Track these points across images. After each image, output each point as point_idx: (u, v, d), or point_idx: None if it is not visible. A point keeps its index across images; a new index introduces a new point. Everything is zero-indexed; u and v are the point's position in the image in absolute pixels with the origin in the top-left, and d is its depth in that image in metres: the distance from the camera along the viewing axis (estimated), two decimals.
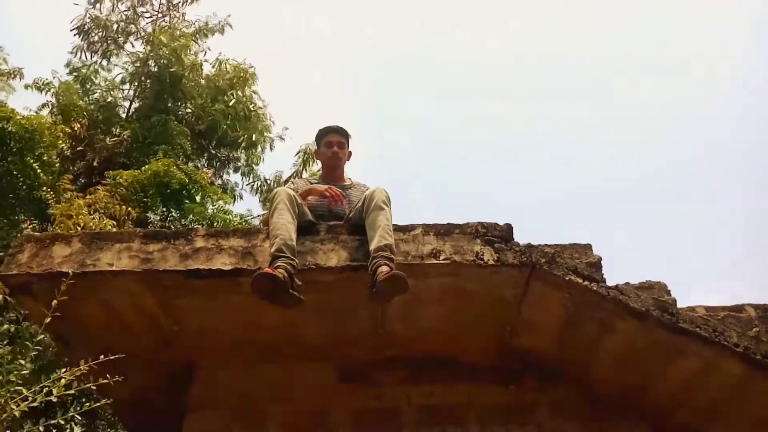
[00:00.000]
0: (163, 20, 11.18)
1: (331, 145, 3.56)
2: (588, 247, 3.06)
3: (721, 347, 2.68)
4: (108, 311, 2.86)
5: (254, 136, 10.75)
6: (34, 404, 2.11)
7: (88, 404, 2.38)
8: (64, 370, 2.28)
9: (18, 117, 6.97)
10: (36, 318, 2.95)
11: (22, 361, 2.23)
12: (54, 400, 2.14)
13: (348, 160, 3.65)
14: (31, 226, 5.92)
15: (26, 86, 9.59)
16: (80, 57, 10.93)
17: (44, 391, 2.15)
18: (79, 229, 4.91)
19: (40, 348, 2.35)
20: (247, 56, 13.42)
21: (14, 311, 5.16)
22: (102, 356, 2.44)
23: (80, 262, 2.69)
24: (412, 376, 3.19)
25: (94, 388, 2.38)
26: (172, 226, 8.12)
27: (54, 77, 9.71)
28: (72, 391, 2.21)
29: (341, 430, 3.02)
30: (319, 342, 3.10)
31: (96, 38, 11.02)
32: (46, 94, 9.43)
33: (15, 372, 2.18)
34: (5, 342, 2.53)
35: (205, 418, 3.00)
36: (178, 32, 10.56)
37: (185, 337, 3.04)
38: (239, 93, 10.72)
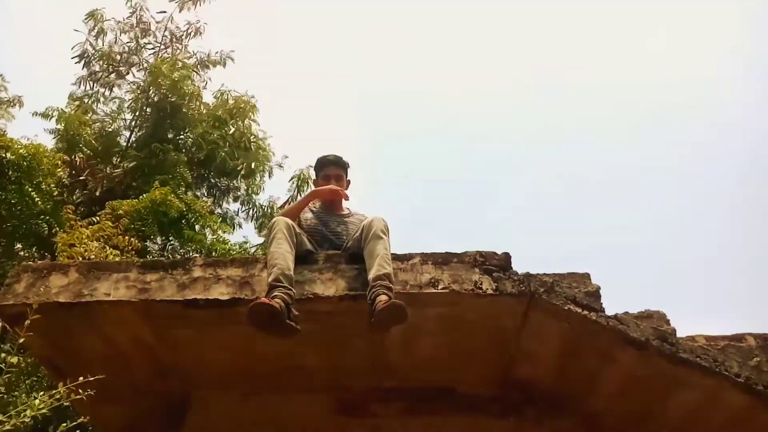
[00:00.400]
0: (166, 51, 11.35)
1: (329, 178, 3.56)
2: (586, 276, 3.06)
3: (722, 377, 2.66)
4: (104, 341, 2.84)
5: (253, 164, 10.82)
6: (6, 428, 2.07)
7: (65, 424, 2.33)
8: (42, 393, 2.25)
9: (16, 146, 7.01)
10: (33, 348, 2.94)
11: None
12: (27, 421, 2.10)
13: (346, 189, 3.65)
14: (28, 255, 5.91)
15: (33, 114, 9.67)
16: (83, 88, 11.09)
17: (20, 414, 2.11)
18: (81, 258, 4.91)
19: (14, 371, 2.30)
20: (247, 84, 13.64)
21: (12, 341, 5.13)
22: (94, 386, 2.39)
23: (77, 293, 2.69)
24: (411, 408, 3.15)
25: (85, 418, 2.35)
26: (170, 256, 8.12)
27: (61, 107, 9.83)
28: (46, 412, 2.16)
29: None
30: (316, 372, 3.07)
31: (97, 68, 11.19)
32: (53, 120, 9.50)
33: None
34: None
35: None
36: (179, 63, 10.70)
37: (181, 367, 3.02)
38: (240, 123, 10.83)
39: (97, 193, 9.10)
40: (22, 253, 7.47)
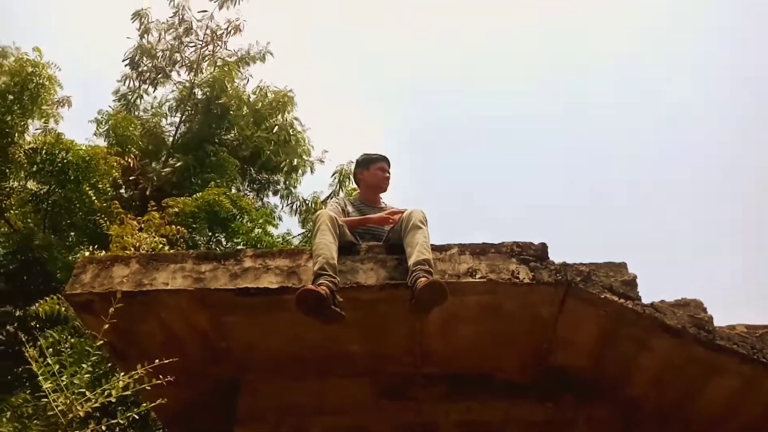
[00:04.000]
0: (207, 49, 11.68)
1: (384, 170, 3.80)
2: (623, 265, 3.10)
3: (759, 364, 2.68)
4: (162, 327, 3.04)
5: (295, 160, 11.07)
6: (96, 405, 2.28)
7: (135, 410, 2.54)
8: (122, 374, 2.46)
9: (76, 148, 7.41)
10: (97, 334, 3.16)
11: (84, 365, 2.41)
12: (113, 400, 2.31)
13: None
14: (88, 249, 6.27)
15: (89, 121, 10.13)
16: (128, 84, 11.53)
17: (105, 393, 2.33)
18: (132, 249, 5.19)
19: (100, 353, 2.52)
20: (286, 80, 13.94)
21: (73, 324, 5.46)
22: (140, 365, 2.58)
23: (138, 282, 2.89)
24: (450, 393, 3.26)
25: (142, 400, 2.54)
26: (218, 249, 8.44)
27: (110, 109, 10.28)
28: (129, 392, 2.37)
29: None
30: (359, 358, 3.21)
31: (145, 68, 11.61)
32: (103, 125, 9.93)
33: (78, 376, 2.36)
34: (68, 350, 2.73)
35: (252, 429, 3.13)
36: (221, 62, 11.02)
37: (233, 352, 3.20)
38: (280, 118, 11.09)
39: (148, 192, 9.50)
40: (80, 248, 7.87)
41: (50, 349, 2.61)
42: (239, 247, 7.49)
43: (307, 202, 11.37)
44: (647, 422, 3.10)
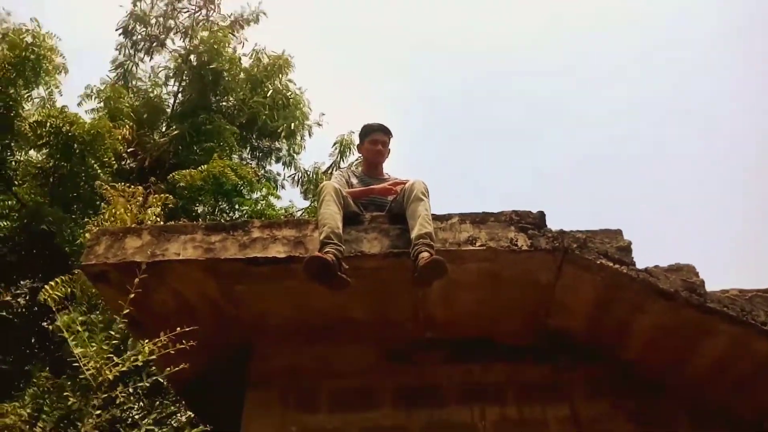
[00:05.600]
0: (200, 14, 11.60)
1: (376, 143, 3.81)
2: (618, 232, 3.19)
3: (748, 326, 2.79)
4: (175, 296, 3.16)
5: (293, 124, 11.05)
6: (123, 369, 2.42)
7: (149, 379, 2.68)
8: (146, 341, 2.59)
9: (81, 121, 7.46)
10: (112, 303, 3.28)
11: (111, 332, 2.54)
12: (140, 364, 2.45)
13: (387, 157, 3.89)
14: (94, 223, 6.39)
15: (81, 96, 10.12)
16: (124, 53, 11.47)
17: (131, 358, 2.46)
18: (120, 223, 5.37)
19: (126, 321, 2.65)
20: (281, 43, 13.88)
21: (84, 303, 5.61)
22: (163, 333, 2.72)
23: (150, 253, 2.99)
24: (452, 357, 3.39)
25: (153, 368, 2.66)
26: (221, 219, 8.56)
27: (102, 84, 10.26)
28: (154, 357, 2.51)
29: (386, 405, 3.25)
30: (364, 324, 3.34)
31: (139, 37, 11.54)
32: (95, 100, 9.93)
33: (107, 341, 2.49)
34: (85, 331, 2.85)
35: (263, 392, 3.27)
36: (216, 27, 10.91)
37: (243, 319, 3.32)
38: (276, 82, 11.02)
39: (146, 163, 9.55)
40: (86, 220, 7.98)
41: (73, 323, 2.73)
42: (247, 219, 7.60)
43: (308, 173, 11.45)
44: (643, 382, 3.22)
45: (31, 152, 8.47)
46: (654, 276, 2.92)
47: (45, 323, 6.37)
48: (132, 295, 2.63)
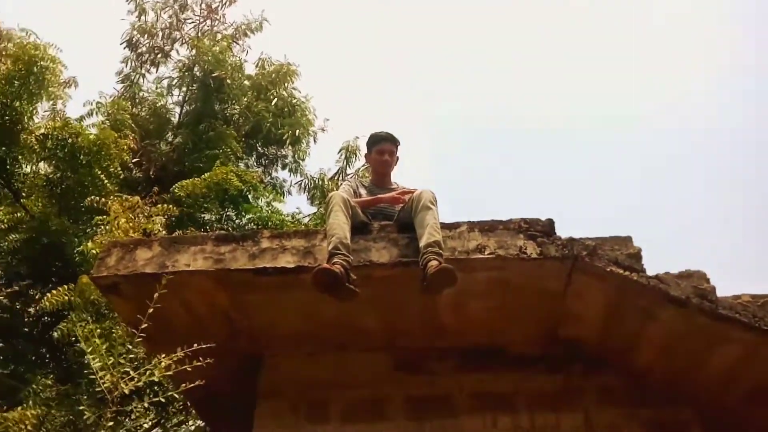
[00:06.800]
0: (205, 24, 11.67)
1: (383, 153, 3.78)
2: (628, 239, 3.18)
3: (760, 332, 2.77)
4: (185, 307, 3.17)
5: (298, 131, 11.08)
6: (139, 384, 2.42)
7: (162, 395, 2.68)
8: (163, 355, 2.59)
9: (87, 133, 7.51)
10: (123, 315, 3.30)
11: (130, 346, 2.54)
12: (157, 379, 2.45)
13: (395, 166, 3.89)
14: (94, 231, 6.43)
15: (87, 109, 10.17)
16: (130, 65, 11.56)
17: (147, 373, 2.47)
18: (122, 234, 5.40)
19: (144, 335, 2.66)
20: (286, 50, 13.94)
21: (88, 313, 5.63)
22: (180, 348, 2.73)
23: (161, 264, 3.01)
24: (463, 365, 3.38)
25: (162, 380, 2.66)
26: (228, 228, 8.58)
27: (101, 96, 10.32)
28: (170, 373, 2.51)
29: (397, 415, 3.24)
30: (374, 333, 3.33)
31: (144, 49, 11.62)
32: (96, 114, 9.97)
33: (125, 355, 2.50)
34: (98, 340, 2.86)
35: (274, 402, 3.27)
36: (219, 36, 10.98)
37: (253, 329, 3.32)
38: (281, 90, 11.05)
39: (151, 173, 9.58)
40: (93, 231, 8.00)
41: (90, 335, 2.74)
42: (256, 229, 7.62)
43: (314, 179, 11.46)
44: (656, 390, 3.20)
45: (40, 164, 8.52)
46: (665, 283, 2.90)
47: (54, 333, 6.40)
48: (151, 310, 2.63)
